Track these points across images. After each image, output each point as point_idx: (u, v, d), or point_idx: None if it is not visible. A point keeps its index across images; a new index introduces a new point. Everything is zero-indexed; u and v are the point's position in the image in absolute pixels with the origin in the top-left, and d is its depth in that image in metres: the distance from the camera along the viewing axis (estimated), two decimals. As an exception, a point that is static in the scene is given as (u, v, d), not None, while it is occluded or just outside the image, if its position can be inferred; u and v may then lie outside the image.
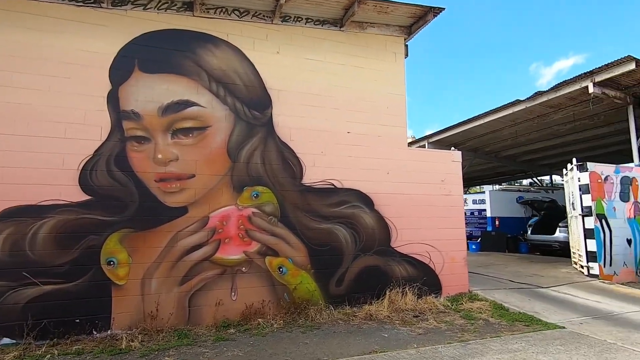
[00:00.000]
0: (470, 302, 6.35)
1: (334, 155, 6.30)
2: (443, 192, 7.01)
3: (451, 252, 6.88)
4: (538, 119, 12.62)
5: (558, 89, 10.31)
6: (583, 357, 3.99)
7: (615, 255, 8.54)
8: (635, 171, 9.30)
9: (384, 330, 5.10)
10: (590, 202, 8.52)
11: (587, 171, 8.66)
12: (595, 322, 5.37)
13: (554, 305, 6.24)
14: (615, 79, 9.36)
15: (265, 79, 6.02)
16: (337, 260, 6.06)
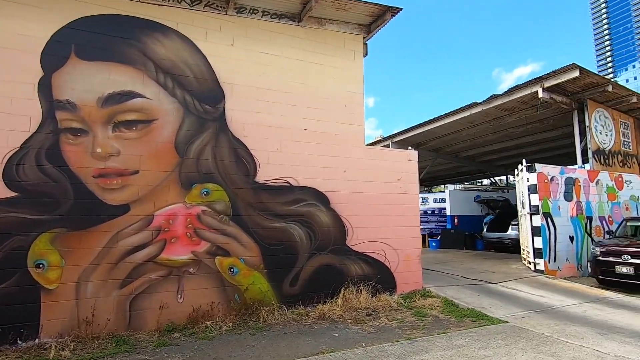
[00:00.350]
0: (423, 299, 6.47)
1: (289, 152, 6.17)
2: (399, 191, 7.08)
3: (406, 250, 6.98)
4: (494, 121, 13.16)
5: (511, 93, 10.77)
6: (521, 351, 4.13)
7: (559, 251, 9.05)
8: (579, 173, 9.90)
9: (335, 329, 5.06)
10: (538, 201, 8.97)
11: (535, 172, 9.10)
12: (536, 316, 5.62)
13: (501, 301, 6.49)
14: (562, 85, 9.90)
15: (218, 71, 5.78)
16: (291, 259, 5.95)
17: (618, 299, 6.76)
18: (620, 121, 11.33)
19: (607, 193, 10.34)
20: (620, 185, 10.71)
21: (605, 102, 10.92)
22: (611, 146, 10.91)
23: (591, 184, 10.05)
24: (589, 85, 10.08)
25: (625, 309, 6.08)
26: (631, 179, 11.02)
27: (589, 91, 10.29)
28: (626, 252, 7.50)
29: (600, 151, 10.62)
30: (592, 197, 9.99)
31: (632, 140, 11.57)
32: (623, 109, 11.43)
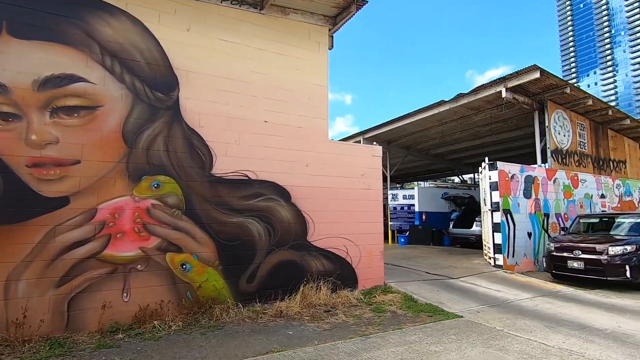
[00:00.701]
0: (384, 295, 6.45)
1: (249, 145, 5.95)
2: (363, 186, 7.03)
3: (369, 245, 6.94)
4: (461, 119, 13.42)
5: (477, 92, 10.98)
6: (471, 346, 4.16)
7: (518, 247, 9.34)
8: (538, 171, 10.25)
9: (290, 327, 4.93)
10: (498, 198, 9.20)
11: (497, 170, 9.33)
12: (490, 310, 5.72)
13: (459, 295, 6.58)
14: (524, 85, 10.18)
15: (172, 57, 5.47)
16: (249, 255, 5.76)
17: (569, 293, 7.02)
18: (577, 122, 11.83)
19: (563, 191, 10.78)
20: (575, 184, 11.19)
21: (564, 103, 11.36)
22: (568, 146, 11.37)
23: (549, 182, 10.44)
24: (549, 87, 10.43)
25: (574, 302, 6.32)
26: (586, 178, 11.55)
27: (549, 92, 10.65)
28: (578, 247, 7.82)
29: (558, 151, 11.05)
30: (550, 195, 10.37)
31: (588, 141, 12.11)
32: (580, 111, 11.93)
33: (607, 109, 11.67)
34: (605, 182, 12.24)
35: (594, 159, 12.30)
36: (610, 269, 7.20)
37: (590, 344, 4.25)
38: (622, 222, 8.44)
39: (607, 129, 12.98)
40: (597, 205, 11.73)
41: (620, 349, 4.11)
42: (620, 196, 12.75)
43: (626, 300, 6.51)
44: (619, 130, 13.43)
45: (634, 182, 13.48)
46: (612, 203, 12.35)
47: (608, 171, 12.76)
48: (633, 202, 13.21)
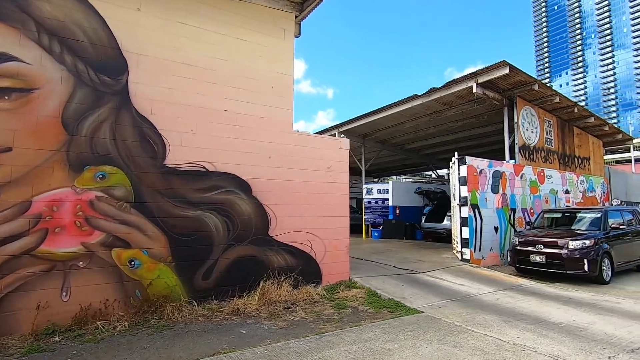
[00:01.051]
0: (348, 290, 6.34)
1: (207, 134, 5.65)
2: (329, 180, 6.85)
3: (334, 240, 6.80)
4: (434, 114, 13.46)
5: (449, 87, 10.98)
6: (426, 342, 4.08)
7: (484, 241, 9.45)
8: (505, 166, 10.38)
9: (245, 325, 4.72)
10: (466, 193, 9.25)
11: (465, 165, 9.37)
12: (451, 305, 5.70)
13: (423, 290, 6.55)
14: (494, 81, 10.25)
15: (121, 39, 5.07)
16: (205, 250, 5.48)
17: (530, 287, 7.13)
18: (545, 119, 12.07)
19: (530, 186, 10.99)
20: (542, 180, 11.44)
21: (532, 100, 11.54)
22: (536, 142, 11.59)
23: (516, 177, 10.61)
24: (518, 83, 10.55)
25: (534, 295, 6.40)
26: (552, 174, 11.83)
27: (518, 89, 10.78)
28: (540, 242, 7.96)
29: (526, 147, 11.24)
30: (517, 190, 10.55)
31: (555, 138, 12.40)
32: (548, 109, 12.18)
33: (573, 107, 11.95)
34: (570, 178, 12.59)
35: (560, 155, 12.62)
36: (569, 262, 7.36)
37: (544, 339, 4.25)
38: (583, 217, 8.65)
39: (573, 127, 13.34)
40: (561, 200, 12.06)
41: (572, 343, 4.12)
42: (583, 192, 13.17)
43: (583, 293, 6.66)
44: (584, 128, 13.83)
45: (596, 178, 13.96)
46: (576, 198, 12.74)
47: (573, 167, 13.14)
48: (595, 197, 13.68)
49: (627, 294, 6.70)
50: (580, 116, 12.79)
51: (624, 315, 5.30)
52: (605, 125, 13.50)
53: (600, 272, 7.35)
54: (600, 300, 6.17)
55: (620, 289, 7.10)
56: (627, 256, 8.31)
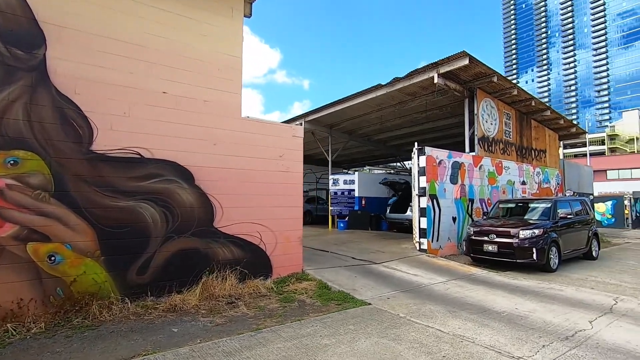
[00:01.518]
0: (298, 283, 6.14)
1: (142, 118, 5.20)
2: (281, 169, 6.57)
3: (286, 231, 6.55)
4: (399, 105, 13.42)
5: (412, 77, 10.91)
6: (365, 336, 3.94)
7: (442, 231, 9.53)
8: (464, 157, 10.49)
9: (179, 323, 4.40)
10: (425, 183, 9.25)
11: (425, 155, 9.35)
12: (401, 296, 5.63)
13: (375, 281, 6.45)
14: (455, 72, 10.26)
15: (37, 8, 4.50)
16: (140, 244, 5.08)
17: (481, 276, 7.22)
18: (504, 112, 12.30)
19: (488, 177, 11.20)
20: (500, 171, 11.69)
21: (492, 93, 11.71)
22: (495, 134, 11.80)
23: (475, 168, 10.76)
24: (478, 75, 10.63)
25: (483, 285, 6.46)
26: (509, 165, 12.12)
27: (478, 81, 10.87)
28: (493, 231, 8.08)
29: (485, 138, 11.41)
30: (475, 181, 10.71)
31: (513, 130, 12.69)
32: (507, 101, 12.42)
33: (530, 100, 12.25)
34: (526, 170, 12.97)
35: (518, 147, 12.95)
36: (519, 251, 7.51)
37: (485, 329, 4.23)
38: (535, 207, 8.88)
39: (530, 120, 13.71)
40: (518, 191, 12.40)
41: (510, 332, 4.12)
42: (539, 183, 13.63)
43: (530, 281, 6.81)
44: (542, 121, 14.27)
45: (552, 170, 14.50)
46: (532, 189, 13.16)
47: (530, 159, 13.55)
48: (550, 189, 14.22)
49: (571, 281, 6.91)
50: (537, 109, 13.15)
51: (564, 302, 5.42)
52: (560, 119, 13.98)
53: (548, 260, 7.56)
54: (545, 288, 6.31)
55: (566, 276, 7.33)
56: (574, 244, 8.62)
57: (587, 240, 9.08)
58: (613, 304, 5.39)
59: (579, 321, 4.55)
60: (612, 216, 21.20)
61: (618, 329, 4.28)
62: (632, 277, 7.36)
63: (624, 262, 9.07)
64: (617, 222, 20.92)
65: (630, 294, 5.99)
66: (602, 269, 8.17)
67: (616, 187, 41.05)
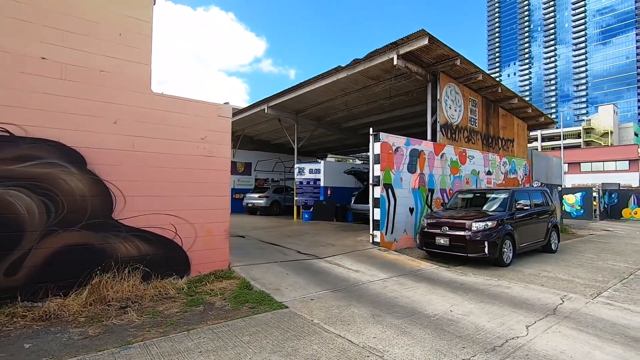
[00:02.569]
0: (218, 282, 5.43)
1: (13, 88, 4.31)
2: (203, 153, 5.78)
3: (208, 224, 5.81)
4: (364, 90, 12.71)
5: (372, 58, 10.19)
6: (255, 351, 3.26)
7: (398, 223, 8.96)
8: (425, 145, 9.90)
9: (40, 336, 3.63)
10: (380, 171, 8.63)
11: (380, 141, 8.70)
12: (328, 297, 4.99)
13: (308, 279, 5.80)
14: (416, 53, 9.59)
15: None
16: (9, 239, 4.25)
17: (429, 271, 6.67)
18: (470, 98, 11.77)
19: (450, 166, 10.68)
20: (463, 160, 11.19)
21: (457, 77, 11.12)
22: (459, 121, 11.26)
23: (436, 157, 10.20)
24: (441, 58, 10.00)
25: (427, 281, 5.90)
26: (474, 155, 11.64)
27: (441, 64, 10.25)
28: (446, 223, 7.54)
29: (448, 125, 10.86)
30: (436, 170, 10.16)
31: (479, 118, 12.19)
32: (473, 87, 11.88)
33: (497, 86, 11.73)
34: (492, 159, 12.53)
35: (484, 136, 12.48)
36: (471, 245, 6.99)
37: (404, 338, 3.62)
38: (493, 198, 8.38)
39: (498, 108, 13.25)
40: (483, 181, 11.97)
41: (431, 342, 3.52)
42: (505, 173, 13.25)
43: (479, 277, 6.30)
44: (510, 110, 13.83)
45: (519, 160, 14.14)
46: (498, 180, 12.77)
47: (496, 149, 13.13)
48: (517, 179, 13.88)
49: (522, 276, 6.44)
50: (505, 97, 12.67)
51: (506, 302, 4.89)
52: (528, 108, 13.57)
53: (501, 254, 7.08)
54: (492, 285, 5.80)
55: (518, 271, 6.86)
56: (532, 237, 8.19)
57: (546, 232, 8.68)
58: (559, 303, 4.90)
59: (514, 326, 4.01)
60: (581, 207, 21.28)
61: (555, 336, 3.75)
62: (587, 271, 6.96)
63: (582, 256, 8.73)
64: (586, 214, 21.01)
65: (580, 291, 5.54)
66: (559, 262, 7.77)
67: (589, 179, 41.92)
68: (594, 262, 7.89)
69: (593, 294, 5.42)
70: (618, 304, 4.97)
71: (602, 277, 6.50)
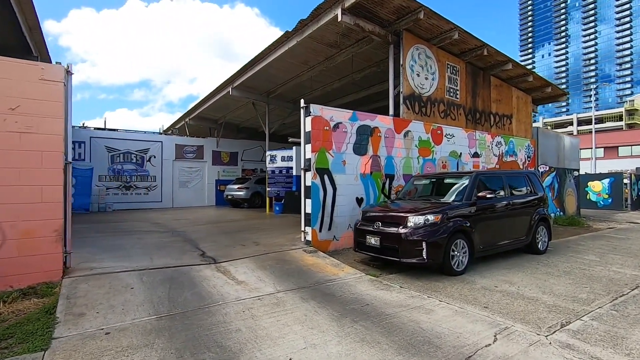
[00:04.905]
0: (23, 301, 4.04)
1: None
2: (12, 128, 4.35)
3: (27, 222, 4.40)
4: (327, 62, 10.89)
5: (318, 17, 8.41)
6: None
7: (339, 217, 7.23)
8: (380, 121, 8.02)
9: None
10: (311, 153, 6.91)
11: (311, 116, 6.96)
12: (135, 330, 3.43)
13: (151, 296, 4.25)
14: (367, 6, 7.70)
15: None
16: None
17: (341, 282, 4.96)
18: (448, 64, 9.67)
19: (419, 147, 8.74)
20: (438, 139, 9.19)
21: (430, 39, 9.09)
22: (432, 92, 9.24)
23: (397, 135, 8.30)
24: (401, 11, 8.04)
25: (316, 301, 4.21)
26: (454, 133, 9.59)
27: (403, 20, 8.29)
28: (380, 218, 5.76)
29: (416, 97, 8.89)
30: (397, 152, 8.28)
31: (461, 89, 10.06)
32: (454, 51, 9.77)
33: (482, 47, 9.54)
34: (481, 139, 10.39)
35: (469, 110, 10.34)
36: (404, 246, 5.20)
37: None
38: (453, 184, 6.45)
39: (489, 77, 10.98)
40: (467, 165, 9.90)
41: None
42: (500, 155, 11.04)
43: (404, 292, 4.53)
44: (507, 79, 11.51)
45: (520, 140, 11.82)
46: (489, 163, 10.62)
47: (487, 126, 10.92)
48: (517, 162, 11.60)
49: (468, 292, 4.60)
50: (496, 62, 10.41)
51: (402, 340, 3.17)
52: (528, 75, 11.17)
53: (448, 259, 5.22)
54: (409, 307, 4.04)
55: (469, 282, 5.01)
56: (504, 235, 6.24)
57: (528, 228, 6.66)
58: (484, 345, 3.10)
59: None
60: (609, 196, 18.37)
61: None
62: (571, 283, 4.99)
63: (579, 258, 6.64)
64: (615, 203, 18.11)
65: (537, 319, 3.68)
66: (538, 269, 5.79)
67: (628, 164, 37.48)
68: (590, 268, 5.84)
69: (554, 325, 3.55)
70: (586, 346, 3.10)
71: (588, 294, 4.54)
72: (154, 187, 18.58)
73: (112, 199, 17.27)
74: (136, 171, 18.10)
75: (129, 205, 17.61)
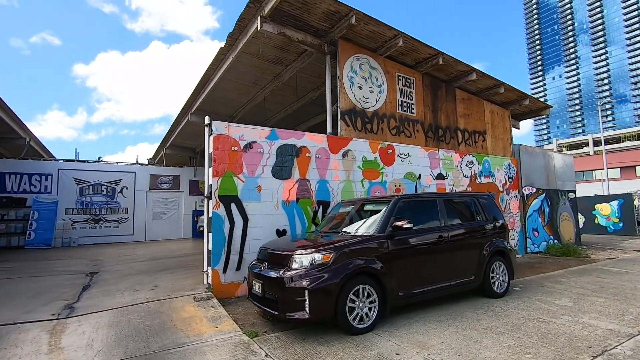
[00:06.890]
0: None
1: None
2: None
3: None
4: (276, 80, 10.04)
5: (245, 29, 7.59)
6: None
7: (251, 254, 5.97)
8: (308, 139, 6.92)
9: None
10: (212, 178, 5.82)
11: (213, 134, 5.94)
12: None
13: None
14: (293, 12, 6.84)
15: None
16: None
17: (191, 349, 3.68)
18: (400, 76, 8.63)
19: (362, 169, 7.54)
20: (389, 159, 7.98)
21: (374, 49, 8.13)
22: (379, 106, 8.15)
23: (333, 155, 7.16)
24: (333, 17, 7.14)
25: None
26: (410, 152, 8.37)
27: (338, 27, 7.37)
28: (268, 257, 4.53)
29: (358, 112, 7.80)
30: (333, 174, 7.10)
31: (418, 102, 8.93)
32: (408, 62, 8.76)
33: (437, 56, 8.48)
34: (446, 158, 9.11)
35: (429, 126, 9.15)
36: (285, 296, 3.92)
37: None
38: (372, 211, 5.19)
39: (454, 89, 9.84)
40: (429, 188, 8.59)
41: None
42: (473, 176, 9.68)
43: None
44: (477, 92, 10.33)
45: (497, 158, 10.44)
46: (459, 186, 9.26)
47: (454, 144, 9.65)
48: (494, 184, 10.18)
49: (350, 365, 3.25)
50: (459, 72, 9.30)
51: None
52: (499, 87, 9.96)
53: (344, 313, 3.90)
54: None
55: (366, 346, 3.65)
56: (438, 276, 4.85)
57: (477, 265, 5.26)
58: None
59: None
60: (619, 220, 16.41)
61: None
62: (506, 349, 3.57)
63: (545, 304, 5.14)
64: (626, 228, 16.13)
65: None
66: (480, 321, 4.36)
67: (647, 185, 34.84)
68: (551, 320, 4.38)
69: None
70: None
71: (522, 369, 3.12)
72: (125, 220, 17.74)
73: (79, 233, 16.45)
74: (106, 203, 17.37)
75: (97, 239, 16.73)
